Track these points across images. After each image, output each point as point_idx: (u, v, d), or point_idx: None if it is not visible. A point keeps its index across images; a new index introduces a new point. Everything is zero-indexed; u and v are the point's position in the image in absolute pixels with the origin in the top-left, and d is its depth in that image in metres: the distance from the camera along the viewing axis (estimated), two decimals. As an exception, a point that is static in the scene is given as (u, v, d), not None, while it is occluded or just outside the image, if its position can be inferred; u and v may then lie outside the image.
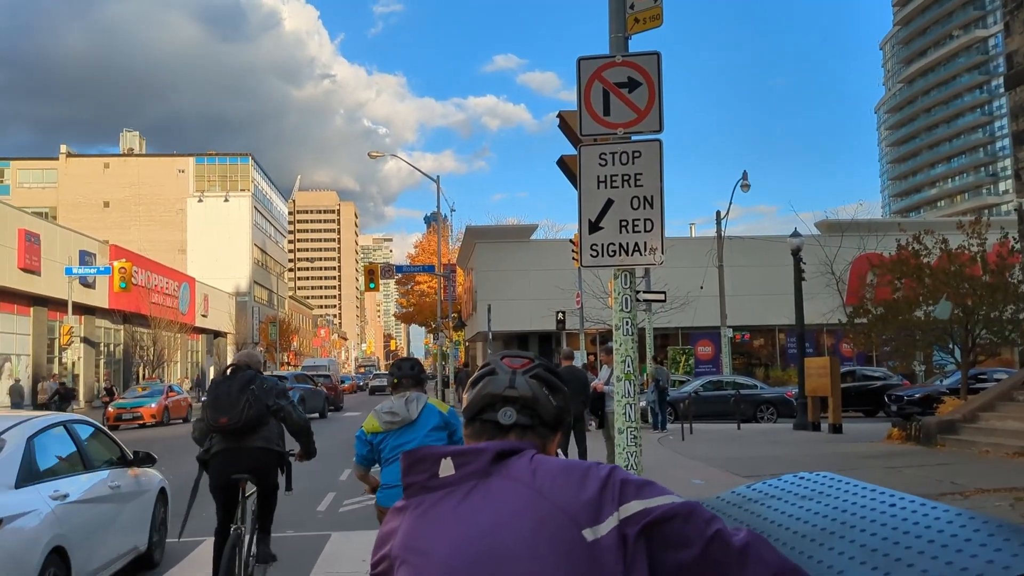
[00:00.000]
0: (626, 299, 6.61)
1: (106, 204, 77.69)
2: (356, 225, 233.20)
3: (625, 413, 6.36)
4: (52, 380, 34.31)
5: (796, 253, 20.87)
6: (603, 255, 6.46)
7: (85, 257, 40.15)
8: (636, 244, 6.37)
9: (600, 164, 6.44)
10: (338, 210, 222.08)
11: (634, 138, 6.42)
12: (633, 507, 1.43)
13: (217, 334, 69.05)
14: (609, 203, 6.42)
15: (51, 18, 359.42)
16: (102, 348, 46.18)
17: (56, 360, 38.25)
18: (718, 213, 32.74)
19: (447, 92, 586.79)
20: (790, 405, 25.48)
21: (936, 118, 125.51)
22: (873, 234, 36.19)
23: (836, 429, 18.92)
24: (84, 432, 7.24)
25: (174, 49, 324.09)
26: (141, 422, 27.03)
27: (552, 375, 1.70)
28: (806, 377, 20.12)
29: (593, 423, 15.43)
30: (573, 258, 30.96)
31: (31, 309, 37.34)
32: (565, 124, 7.02)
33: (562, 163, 7.19)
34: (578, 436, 12.55)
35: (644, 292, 22.14)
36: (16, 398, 31.86)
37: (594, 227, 6.45)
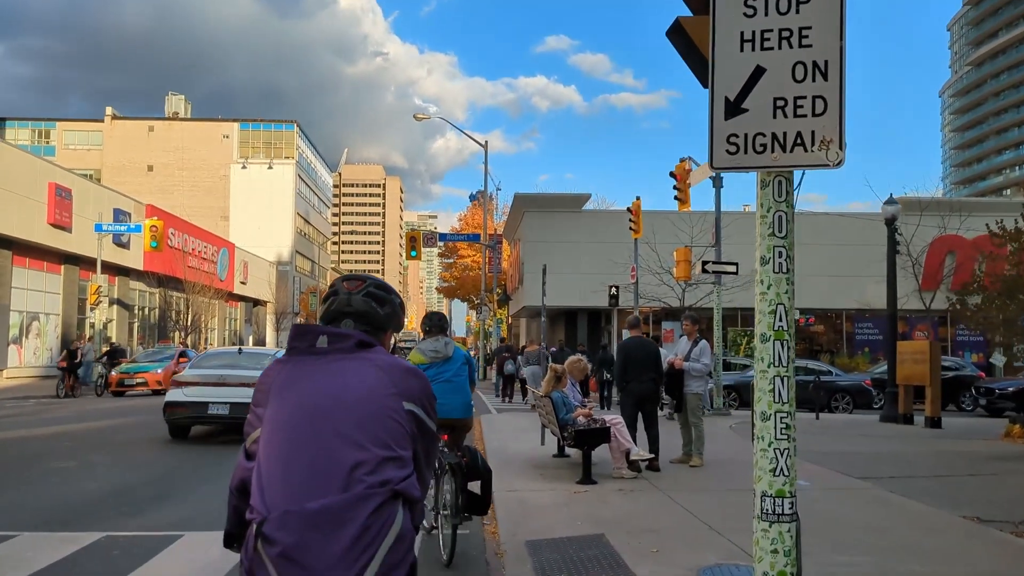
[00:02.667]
0: (779, 219, 4.36)
1: (150, 168, 76.96)
2: (401, 200, 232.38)
3: (774, 390, 4.20)
4: (82, 342, 33.01)
5: (891, 223, 18.40)
6: (746, 150, 4.25)
7: (120, 216, 38.76)
8: (799, 134, 4.16)
9: (746, 14, 4.23)
10: (384, 184, 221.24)
11: (799, -26, 4.22)
12: (421, 414, 2.36)
13: (256, 302, 67.91)
14: (759, 73, 4.22)
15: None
16: (136, 311, 44.97)
17: (87, 321, 37.04)
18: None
19: (498, 72, 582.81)
20: (867, 394, 23.13)
21: (1005, 103, 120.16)
22: (956, 213, 33.33)
23: (934, 423, 16.54)
24: None
25: (230, 22, 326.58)
26: (145, 388, 25.39)
27: (381, 291, 2.51)
28: (898, 363, 17.71)
29: (666, 408, 13.27)
30: (631, 228, 28.61)
31: (62, 267, 36.05)
32: (683, -31, 4.82)
33: (677, 31, 4.96)
34: (647, 419, 10.37)
35: (713, 264, 19.79)
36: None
37: (734, 108, 4.25)
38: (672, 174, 22.43)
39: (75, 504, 8.37)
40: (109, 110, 78.27)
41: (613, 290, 30.80)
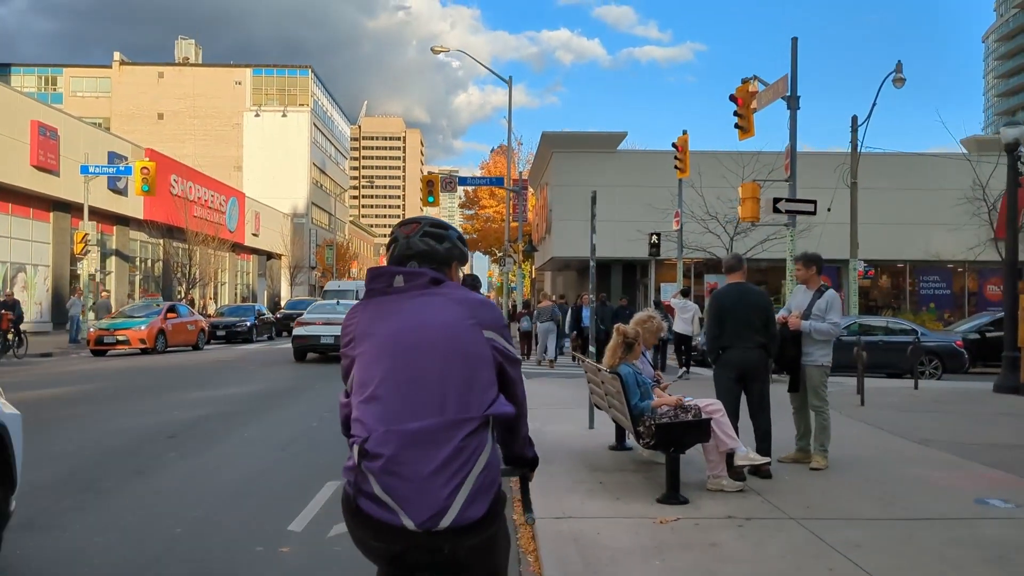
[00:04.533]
0: None
1: (160, 116, 73.93)
2: (422, 154, 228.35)
3: None
4: (76, 295, 30.31)
5: (1013, 150, 14.94)
6: None
7: (115, 160, 35.76)
8: None
9: None
10: (404, 137, 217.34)
11: None
12: (499, 341, 2.45)
13: (270, 255, 65.03)
14: None
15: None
16: (138, 263, 42.20)
17: (86, 274, 34.24)
18: (854, 119, 26.41)
19: (521, 25, 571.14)
20: (959, 357, 19.87)
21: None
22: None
23: (1072, 397, 13.29)
24: None
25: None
26: (128, 347, 22.46)
27: (437, 228, 2.57)
28: (1022, 322, 14.40)
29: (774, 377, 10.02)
30: (676, 167, 25.31)
31: (51, 215, 33.21)
32: None
33: None
34: (755, 403, 7.21)
35: (787, 202, 16.47)
36: (103, 313, 28.09)
37: None
38: (732, 98, 18.98)
39: None
40: (117, 55, 75.02)
41: (654, 238, 27.57)
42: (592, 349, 10.60)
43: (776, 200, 16.41)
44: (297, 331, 20.82)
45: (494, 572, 2.34)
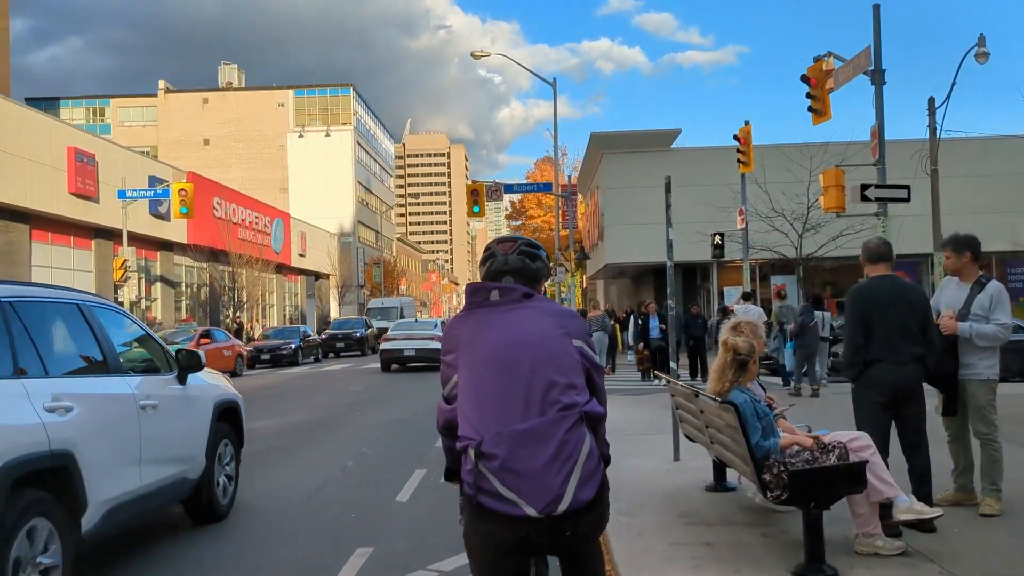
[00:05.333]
0: None
1: (206, 142, 73.96)
2: (467, 168, 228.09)
3: None
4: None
5: None
6: None
7: (155, 184, 35.06)
8: None
9: None
10: (448, 153, 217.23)
11: None
12: (586, 349, 2.78)
13: (318, 275, 64.28)
14: None
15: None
16: (184, 288, 41.51)
17: (128, 301, 33.52)
18: (931, 101, 24.27)
19: (561, 37, 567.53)
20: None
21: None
22: None
23: None
24: None
25: (295, 5, 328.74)
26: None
27: (531, 248, 2.92)
28: None
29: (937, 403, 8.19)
30: (739, 161, 23.54)
31: (92, 242, 32.51)
32: None
33: None
34: (908, 433, 5.52)
35: (876, 188, 14.64)
36: None
37: None
38: (804, 78, 17.19)
39: None
40: (162, 83, 75.34)
41: (717, 239, 25.77)
42: (673, 365, 8.96)
43: (864, 187, 14.57)
44: (383, 346, 24.73)
45: (598, 546, 2.80)
